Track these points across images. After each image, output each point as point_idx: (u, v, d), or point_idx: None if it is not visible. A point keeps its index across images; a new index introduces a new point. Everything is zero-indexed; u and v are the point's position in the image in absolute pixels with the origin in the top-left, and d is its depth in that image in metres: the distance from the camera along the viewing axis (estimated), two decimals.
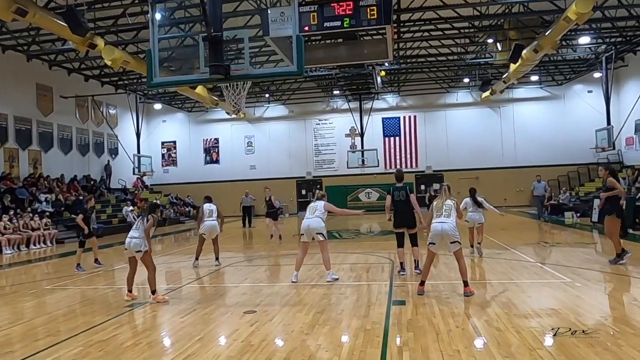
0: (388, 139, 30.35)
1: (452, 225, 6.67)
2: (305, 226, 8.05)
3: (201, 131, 32.24)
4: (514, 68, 20.11)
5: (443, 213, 6.79)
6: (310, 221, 8.06)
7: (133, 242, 6.93)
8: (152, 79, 5.69)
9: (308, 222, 8.04)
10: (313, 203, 8.36)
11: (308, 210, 8.28)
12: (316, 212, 8.12)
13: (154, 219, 7.12)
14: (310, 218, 8.10)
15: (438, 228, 6.67)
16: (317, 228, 8.00)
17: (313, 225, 8.01)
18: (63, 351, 4.82)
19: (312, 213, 8.14)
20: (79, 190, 22.54)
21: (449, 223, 6.67)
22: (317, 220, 8.04)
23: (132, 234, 6.99)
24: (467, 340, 4.61)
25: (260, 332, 5.17)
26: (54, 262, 13.07)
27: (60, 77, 22.82)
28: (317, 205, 8.25)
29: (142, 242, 6.93)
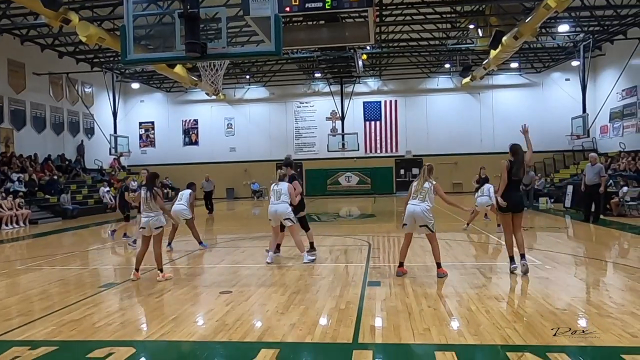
0: (369, 123, 30.41)
1: (424, 208, 6.73)
2: (272, 212, 7.90)
3: (180, 112, 31.77)
4: (494, 54, 20.26)
5: (418, 196, 6.84)
6: (276, 207, 7.86)
7: (153, 219, 6.87)
8: (126, 56, 5.56)
9: (275, 208, 7.87)
10: (276, 186, 7.99)
11: (272, 194, 7.98)
12: (281, 197, 7.87)
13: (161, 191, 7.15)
14: (276, 204, 7.87)
15: (410, 210, 6.81)
16: (284, 213, 7.83)
17: (280, 211, 7.83)
18: (34, 330, 4.77)
19: (277, 198, 7.90)
20: (53, 170, 22.05)
21: (422, 206, 6.72)
22: (283, 205, 7.83)
23: (148, 213, 6.90)
24: (438, 320, 4.72)
25: (235, 312, 5.19)
26: (28, 242, 12.82)
27: (33, 53, 22.10)
28: (280, 188, 7.94)
29: (160, 219, 6.93)
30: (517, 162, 6.96)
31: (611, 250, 9.29)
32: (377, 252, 9.05)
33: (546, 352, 3.78)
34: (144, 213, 6.99)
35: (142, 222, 7.00)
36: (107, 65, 25.36)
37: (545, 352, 3.78)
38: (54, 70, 23.49)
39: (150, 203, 6.92)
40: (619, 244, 10.18)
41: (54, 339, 4.51)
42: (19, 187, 18.43)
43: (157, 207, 6.96)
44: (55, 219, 18.25)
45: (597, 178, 12.03)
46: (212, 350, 4.23)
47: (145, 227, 6.95)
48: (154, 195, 6.93)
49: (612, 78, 23.57)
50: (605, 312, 4.82)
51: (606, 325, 4.41)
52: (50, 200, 19.47)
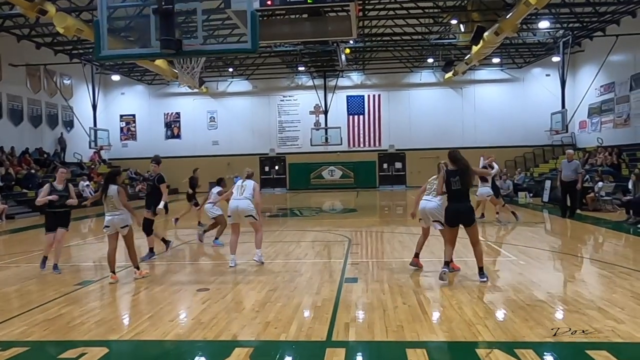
0: (352, 117, 30.45)
1: (436, 204, 6.81)
2: (233, 207, 7.52)
3: (162, 105, 31.39)
4: (475, 50, 20.43)
5: (432, 191, 6.94)
6: (238, 202, 7.51)
7: (117, 218, 6.63)
8: (100, 51, 5.48)
9: (237, 204, 7.50)
10: (241, 182, 7.73)
11: (236, 189, 7.65)
12: (245, 192, 7.55)
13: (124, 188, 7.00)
14: (238, 199, 7.52)
15: (422, 205, 6.97)
16: (247, 210, 7.50)
17: (242, 207, 7.48)
18: (6, 330, 4.71)
19: (240, 193, 7.56)
20: (31, 164, 21.65)
21: (434, 202, 6.84)
22: (246, 202, 7.51)
23: (113, 212, 6.64)
24: (411, 316, 4.79)
25: (211, 310, 5.20)
26: (4, 238, 12.60)
27: (8, 44, 21.55)
28: (246, 184, 7.66)
29: (127, 217, 6.73)
30: (459, 171, 6.32)
31: (585, 245, 9.50)
32: (356, 247, 9.10)
33: (514, 349, 3.87)
34: (108, 212, 6.71)
35: (106, 221, 6.72)
36: (86, 56, 24.88)
37: (513, 349, 3.87)
38: (31, 62, 22.97)
39: (115, 202, 6.65)
40: (593, 238, 10.42)
41: (26, 339, 4.47)
42: None
43: (122, 206, 6.69)
44: (33, 214, 17.92)
45: (573, 174, 12.23)
46: (186, 350, 4.24)
47: (110, 225, 6.70)
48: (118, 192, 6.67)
49: (591, 74, 23.95)
50: (574, 308, 4.94)
51: (573, 320, 4.53)
52: (28, 195, 19.11)
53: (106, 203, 6.69)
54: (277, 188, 30.09)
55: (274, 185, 30.21)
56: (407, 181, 30.20)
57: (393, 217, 15.91)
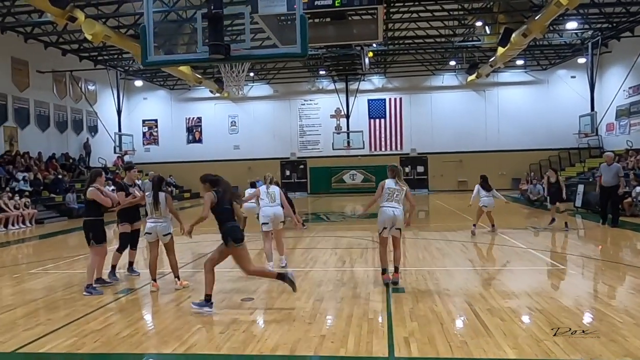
0: (373, 121, 30.25)
1: (402, 211, 6.55)
2: (269, 214, 7.50)
3: (183, 109, 31.60)
4: (501, 52, 20.09)
5: (394, 198, 6.50)
6: (275, 209, 7.56)
7: (160, 225, 6.55)
8: (146, 58, 5.40)
9: (273, 210, 7.53)
10: (269, 188, 7.72)
11: (266, 196, 7.63)
12: (277, 200, 7.66)
13: (170, 194, 6.91)
14: (274, 206, 7.60)
15: (390, 213, 6.42)
16: (282, 216, 7.64)
17: (279, 213, 7.56)
18: (57, 342, 4.64)
19: (272, 200, 7.64)
20: (57, 169, 21.90)
21: (400, 209, 6.51)
22: (280, 208, 7.64)
23: (157, 219, 6.55)
24: (473, 331, 4.59)
25: (261, 322, 5.07)
26: (35, 243, 12.69)
27: (36, 51, 21.90)
28: (274, 191, 7.75)
29: (169, 225, 6.66)
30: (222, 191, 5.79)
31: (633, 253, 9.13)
32: None
33: None
34: (151, 219, 6.63)
35: (148, 228, 6.63)
36: (110, 62, 25.17)
37: None
38: (57, 68, 23.30)
39: (162, 209, 6.59)
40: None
41: (78, 351, 4.38)
42: (24, 186, 18.29)
43: (167, 213, 6.65)
44: (61, 219, 18.12)
45: (615, 179, 11.72)
46: None
47: (152, 232, 6.60)
48: (165, 198, 6.63)
49: (619, 75, 23.38)
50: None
51: None
52: (55, 200, 19.33)
53: (151, 210, 6.59)
54: (298, 192, 29.96)
55: (295, 190, 30.07)
56: (429, 185, 29.87)
57: (422, 223, 15.64)
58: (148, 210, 6.66)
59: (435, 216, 17.35)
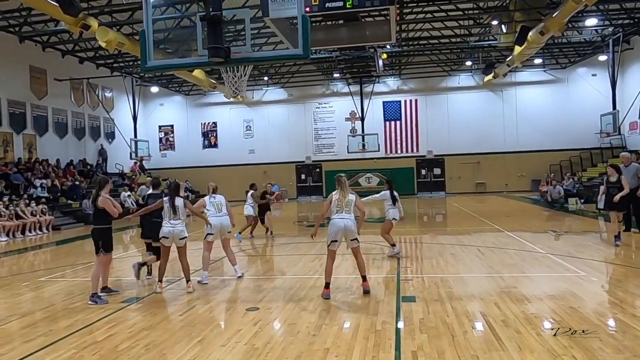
0: (389, 123, 29.96)
1: (353, 222, 6.30)
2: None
3: (199, 115, 31.76)
4: (518, 51, 19.69)
5: (344, 209, 6.26)
6: (222, 219, 7.00)
7: (177, 229, 6.71)
8: (146, 62, 5.30)
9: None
10: (214, 198, 7.10)
11: (212, 206, 7.08)
12: (222, 209, 7.08)
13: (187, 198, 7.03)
14: (221, 216, 7.02)
15: (340, 225, 6.18)
16: (229, 226, 7.06)
17: (226, 224, 6.98)
18: (56, 354, 4.54)
19: (218, 210, 7.08)
20: (75, 176, 22.15)
21: (351, 219, 6.25)
22: (227, 218, 7.09)
23: (172, 221, 6.71)
24: (485, 344, 4.33)
25: (264, 333, 4.89)
26: (51, 250, 12.76)
27: (54, 59, 22.24)
28: (220, 200, 7.13)
29: (185, 229, 6.83)
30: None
31: None
32: (406, 260, 8.65)
33: None
34: (168, 223, 6.75)
35: (165, 232, 6.74)
36: (126, 69, 25.44)
37: None
38: (74, 76, 23.62)
39: (180, 212, 6.78)
40: None
41: None
42: (41, 193, 18.51)
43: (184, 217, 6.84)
44: (78, 225, 18.27)
45: (635, 180, 11.19)
46: None
47: (169, 236, 6.74)
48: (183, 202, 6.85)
49: None
50: None
51: None
52: (72, 206, 19.52)
53: (169, 214, 6.74)
54: (313, 196, 29.85)
55: (311, 193, 29.99)
56: (446, 188, 29.42)
57: (438, 227, 15.32)
58: (165, 215, 6.78)
59: (451, 219, 16.99)
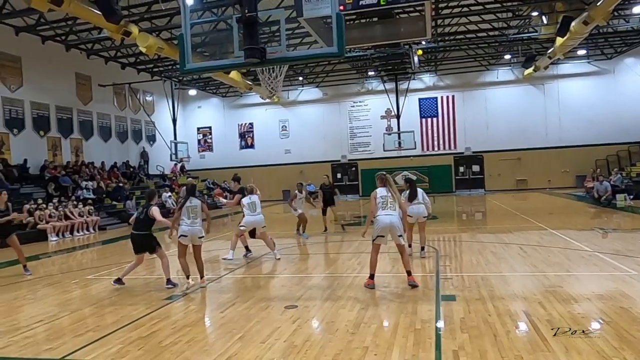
0: (425, 120, 29.55)
1: (399, 218, 6.48)
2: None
3: (236, 116, 32.28)
4: (560, 42, 18.99)
5: (388, 205, 6.46)
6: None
7: (196, 228, 7.05)
8: (184, 65, 5.43)
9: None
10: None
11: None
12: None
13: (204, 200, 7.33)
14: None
15: (387, 221, 6.38)
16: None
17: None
18: (103, 349, 4.71)
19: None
20: (119, 177, 22.95)
21: (397, 216, 6.41)
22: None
23: (193, 223, 7.04)
24: (530, 344, 4.21)
25: (302, 331, 4.92)
26: (98, 249, 13.26)
27: (97, 66, 23.12)
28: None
29: (202, 229, 7.18)
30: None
31: None
32: (446, 259, 8.50)
33: None
34: (186, 223, 7.04)
35: (184, 231, 7.04)
36: (166, 73, 26.14)
37: None
38: (117, 81, 24.47)
39: (197, 212, 7.08)
40: None
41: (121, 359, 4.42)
42: (88, 194, 19.28)
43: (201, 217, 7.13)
44: (122, 225, 18.90)
45: None
46: None
47: (187, 235, 7.05)
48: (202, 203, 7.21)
49: None
50: None
51: None
52: (116, 207, 20.23)
53: (188, 214, 7.04)
54: (349, 195, 29.78)
55: (347, 192, 29.92)
56: (485, 185, 28.75)
57: (477, 225, 14.99)
58: (184, 214, 7.09)
59: (491, 217, 16.58)
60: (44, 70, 20.04)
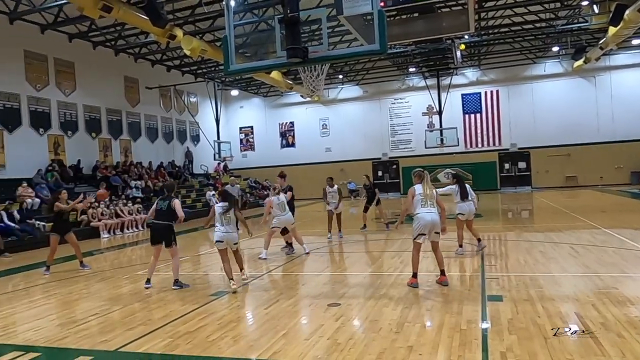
0: (468, 116, 28.89)
1: (438, 216, 6.49)
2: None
3: (277, 115, 32.64)
4: (613, 32, 18.07)
5: (428, 202, 6.45)
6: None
7: (231, 235, 7.07)
8: (228, 67, 5.55)
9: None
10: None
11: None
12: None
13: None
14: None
15: (428, 219, 6.37)
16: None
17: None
18: (153, 342, 4.89)
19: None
20: (165, 177, 23.69)
21: (436, 213, 6.44)
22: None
23: (227, 228, 7.01)
24: (583, 347, 4.05)
25: (346, 329, 4.93)
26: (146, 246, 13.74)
27: (144, 69, 23.97)
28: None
29: (238, 235, 7.31)
30: None
31: None
32: (491, 259, 8.29)
33: None
34: (220, 228, 7.01)
35: (219, 236, 7.02)
36: (209, 75, 26.78)
37: None
38: (163, 84, 25.26)
39: (231, 217, 7.06)
40: None
41: (171, 353, 4.57)
42: (136, 193, 20.01)
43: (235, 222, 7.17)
44: None
45: None
46: None
47: (223, 240, 7.03)
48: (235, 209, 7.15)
49: None
50: None
51: None
52: None
53: (221, 220, 7.04)
54: (390, 192, 29.54)
55: (388, 190, 29.68)
56: (532, 182, 27.81)
57: (524, 223, 14.52)
58: (217, 221, 7.07)
59: (539, 216, 16.02)
60: (95, 75, 20.94)
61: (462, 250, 8.66)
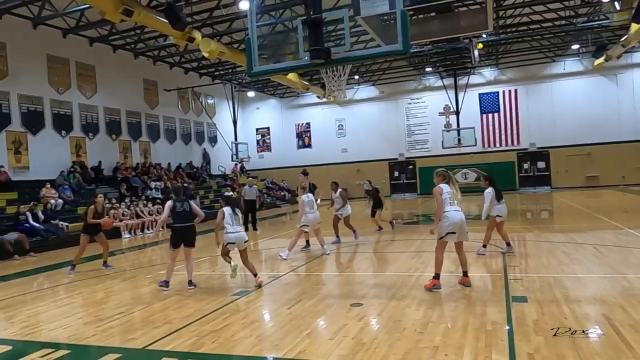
0: (486, 116, 28.64)
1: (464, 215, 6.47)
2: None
3: (293, 116, 32.76)
4: (636, 29, 17.78)
5: (455, 201, 6.42)
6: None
7: (242, 234, 7.22)
8: (252, 68, 5.60)
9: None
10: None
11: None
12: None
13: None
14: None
15: (458, 218, 6.32)
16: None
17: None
18: (179, 340, 4.96)
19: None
20: (184, 177, 23.95)
21: (463, 213, 6.45)
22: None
23: (236, 228, 7.19)
24: (612, 350, 3.99)
25: (369, 329, 4.94)
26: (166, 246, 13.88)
27: (163, 72, 24.27)
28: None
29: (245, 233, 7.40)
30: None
31: None
32: (514, 259, 8.21)
33: None
34: (232, 228, 7.11)
35: (232, 238, 7.12)
36: (226, 77, 27.00)
37: None
38: (181, 86, 25.55)
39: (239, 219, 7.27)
40: None
41: (197, 351, 4.63)
42: (156, 194, 20.26)
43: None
44: None
45: None
46: None
47: (236, 242, 7.15)
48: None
49: None
50: None
51: None
52: None
53: (232, 221, 7.17)
54: (407, 193, 29.44)
55: (405, 191, 29.60)
56: (552, 182, 27.44)
57: (545, 223, 14.34)
58: (228, 221, 7.14)
59: (560, 216, 15.80)
60: (115, 77, 21.28)
61: (484, 251, 8.59)
